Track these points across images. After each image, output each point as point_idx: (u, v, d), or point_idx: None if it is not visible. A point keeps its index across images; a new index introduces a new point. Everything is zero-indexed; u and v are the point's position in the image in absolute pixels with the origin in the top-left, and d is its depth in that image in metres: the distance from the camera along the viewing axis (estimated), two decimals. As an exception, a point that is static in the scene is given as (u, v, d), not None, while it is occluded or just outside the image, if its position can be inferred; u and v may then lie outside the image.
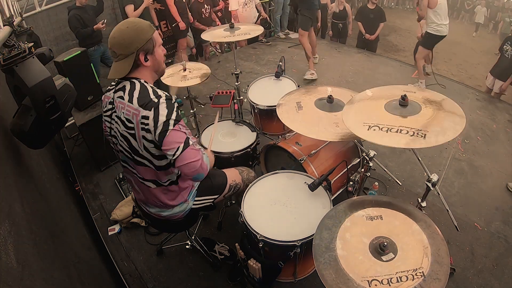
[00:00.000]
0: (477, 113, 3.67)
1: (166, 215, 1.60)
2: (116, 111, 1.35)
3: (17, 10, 3.57)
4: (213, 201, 1.72)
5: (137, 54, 1.30)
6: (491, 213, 2.47)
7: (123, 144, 1.38)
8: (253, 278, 1.65)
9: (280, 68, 2.65)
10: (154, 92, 1.30)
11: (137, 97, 1.28)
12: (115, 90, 1.38)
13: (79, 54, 2.66)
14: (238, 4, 4.87)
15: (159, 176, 1.44)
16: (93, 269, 1.96)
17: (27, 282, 1.01)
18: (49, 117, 1.68)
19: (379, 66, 4.65)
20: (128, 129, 1.32)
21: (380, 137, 1.26)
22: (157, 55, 1.38)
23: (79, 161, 3.19)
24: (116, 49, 1.30)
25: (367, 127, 1.31)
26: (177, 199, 1.55)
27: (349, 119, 1.40)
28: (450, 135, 1.22)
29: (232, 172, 1.81)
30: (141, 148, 1.34)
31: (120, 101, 1.33)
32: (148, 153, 1.35)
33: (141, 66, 1.35)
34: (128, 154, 1.40)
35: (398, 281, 1.05)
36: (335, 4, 5.57)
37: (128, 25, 1.30)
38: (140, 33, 1.30)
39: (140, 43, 1.29)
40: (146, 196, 1.54)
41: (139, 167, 1.42)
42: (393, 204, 1.31)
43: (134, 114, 1.28)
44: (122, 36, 1.28)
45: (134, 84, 1.32)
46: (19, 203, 1.34)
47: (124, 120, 1.32)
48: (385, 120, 1.33)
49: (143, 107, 1.26)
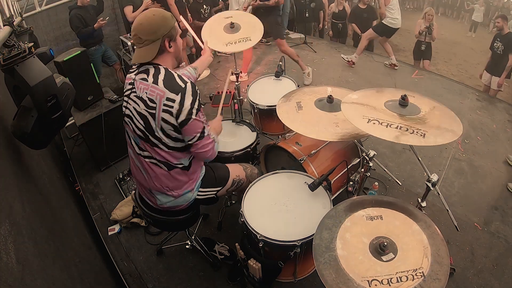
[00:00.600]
0: (477, 113, 3.67)
1: (170, 205, 1.59)
2: (137, 91, 1.40)
3: (17, 10, 3.57)
4: (216, 193, 1.72)
5: (163, 40, 1.38)
6: (491, 213, 2.47)
7: (139, 124, 1.41)
8: (253, 278, 1.65)
9: (280, 68, 2.65)
10: (180, 78, 1.37)
11: (163, 79, 1.35)
12: (136, 73, 1.43)
13: (79, 54, 2.65)
14: (238, 4, 4.87)
15: (170, 158, 1.46)
16: (94, 269, 1.96)
17: (27, 282, 1.01)
18: (51, 116, 1.69)
19: (379, 66, 4.65)
20: (149, 108, 1.36)
21: (379, 131, 1.27)
22: (178, 42, 1.47)
23: (79, 161, 3.19)
24: (143, 35, 1.35)
25: (367, 120, 1.33)
26: (185, 187, 1.56)
27: (349, 111, 1.42)
28: (448, 138, 1.23)
29: (236, 167, 1.83)
30: (158, 128, 1.38)
31: (142, 82, 1.39)
32: (163, 134, 1.39)
33: (165, 52, 1.42)
34: (142, 134, 1.43)
35: (398, 281, 1.05)
36: (334, 4, 5.56)
37: (155, 13, 1.37)
38: (166, 21, 1.38)
39: (166, 29, 1.37)
40: (155, 180, 1.52)
41: (151, 148, 1.45)
42: (393, 204, 1.31)
43: (159, 94, 1.33)
44: (149, 22, 1.35)
45: (159, 69, 1.39)
46: (19, 202, 1.34)
47: (146, 99, 1.36)
48: (384, 116, 1.34)
49: (170, 90, 1.32)
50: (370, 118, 1.34)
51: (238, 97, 2.53)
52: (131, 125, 1.46)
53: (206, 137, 1.44)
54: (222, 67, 4.87)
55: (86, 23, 3.81)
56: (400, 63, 4.82)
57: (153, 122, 1.37)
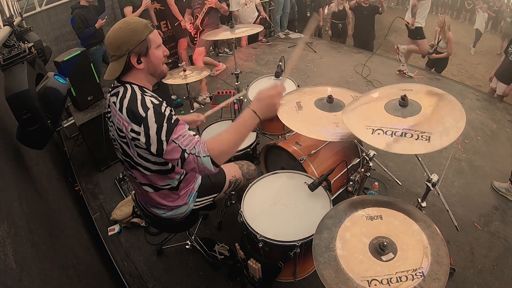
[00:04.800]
0: (477, 113, 3.67)
1: (167, 216, 1.59)
2: (112, 116, 1.31)
3: (17, 10, 3.57)
4: (214, 199, 1.71)
5: (129, 56, 1.24)
6: (491, 213, 2.47)
7: (119, 150, 1.37)
8: (253, 278, 1.65)
9: (280, 68, 2.64)
10: (142, 103, 1.19)
11: (126, 107, 1.21)
12: (111, 94, 1.33)
13: (79, 54, 2.65)
14: (238, 4, 4.87)
15: (155, 180, 1.41)
16: (93, 270, 1.96)
17: (25, 283, 1.01)
18: (27, 128, 1.62)
19: (379, 66, 4.65)
20: (120, 137, 1.29)
21: (385, 143, 1.24)
22: (152, 57, 1.29)
23: (79, 161, 3.19)
24: (109, 49, 1.25)
25: (371, 131, 1.30)
26: (177, 202, 1.55)
27: (352, 122, 1.39)
28: (453, 135, 1.21)
29: (232, 167, 1.80)
30: (135, 155, 1.31)
31: (113, 106, 1.28)
32: (142, 160, 1.32)
33: (134, 69, 1.28)
34: (125, 157, 1.38)
35: (398, 281, 1.05)
36: (334, 4, 5.56)
37: (122, 25, 1.24)
38: (132, 34, 1.23)
39: (132, 44, 1.23)
40: (145, 197, 1.53)
41: (135, 171, 1.40)
42: (393, 204, 1.31)
43: (124, 125, 1.22)
44: (114, 36, 1.23)
45: (126, 90, 1.25)
46: (18, 203, 1.34)
47: (116, 128, 1.28)
48: (387, 122, 1.33)
49: (132, 121, 1.19)
50: (374, 128, 1.30)
51: (238, 97, 2.53)
52: (116, 150, 1.41)
53: (187, 160, 1.19)
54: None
55: (87, 23, 3.82)
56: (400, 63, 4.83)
57: (128, 150, 1.31)
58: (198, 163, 1.19)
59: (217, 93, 2.49)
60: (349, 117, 1.42)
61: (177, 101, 4.03)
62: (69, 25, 4.02)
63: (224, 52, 5.66)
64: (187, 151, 1.18)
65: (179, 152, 1.18)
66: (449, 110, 1.32)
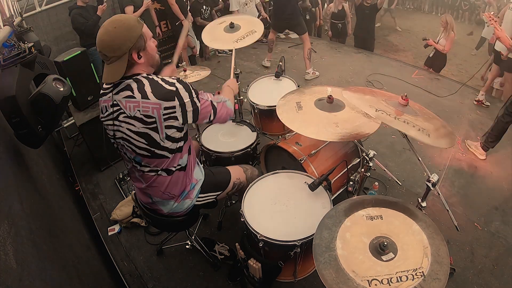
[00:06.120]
0: (477, 113, 3.66)
1: (170, 211, 1.59)
2: (126, 111, 1.30)
3: (17, 10, 3.57)
4: (216, 197, 1.72)
5: (130, 54, 1.26)
6: (491, 213, 2.47)
7: (140, 143, 1.35)
8: (253, 278, 1.65)
9: (280, 68, 2.65)
10: (165, 82, 1.30)
11: (151, 91, 1.26)
12: (116, 92, 1.32)
13: (79, 54, 2.66)
14: (238, 4, 4.88)
15: (171, 163, 1.43)
16: (93, 269, 1.96)
17: (26, 283, 1.01)
18: (17, 131, 1.63)
19: (379, 66, 4.65)
20: (147, 124, 1.30)
21: (389, 121, 1.28)
22: (149, 49, 1.33)
23: (79, 161, 3.18)
24: (107, 52, 1.23)
25: (374, 109, 1.34)
26: (185, 188, 1.55)
27: (354, 100, 1.43)
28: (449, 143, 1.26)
29: (237, 170, 1.81)
30: (163, 138, 1.33)
31: (129, 100, 1.29)
32: (169, 141, 1.36)
33: (135, 64, 1.31)
34: (146, 151, 1.36)
35: (398, 281, 1.05)
36: (333, 4, 5.55)
37: (116, 25, 1.23)
38: (130, 31, 1.24)
39: (131, 41, 1.24)
40: (155, 190, 1.51)
41: (157, 161, 1.40)
42: (393, 204, 1.31)
43: (154, 108, 1.26)
44: (111, 37, 1.22)
45: (141, 80, 1.29)
46: (18, 203, 1.34)
47: (141, 117, 1.28)
48: (389, 110, 1.36)
49: (164, 99, 1.27)
50: (377, 108, 1.34)
51: (238, 97, 2.53)
52: (129, 147, 1.39)
53: (218, 109, 1.46)
54: (222, 67, 4.88)
55: (87, 21, 3.81)
56: (400, 63, 4.83)
57: (156, 135, 1.32)
58: (227, 108, 1.51)
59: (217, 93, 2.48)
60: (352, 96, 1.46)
61: None
62: (69, 25, 4.01)
63: (224, 52, 5.66)
64: (214, 102, 1.44)
65: (209, 105, 1.42)
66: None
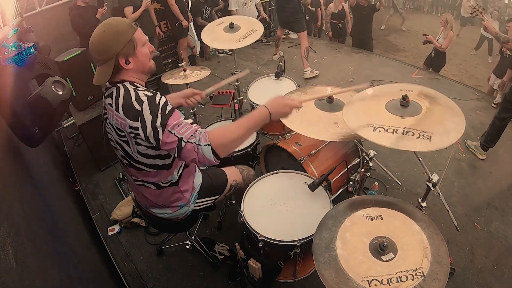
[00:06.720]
0: (477, 113, 3.66)
1: (167, 217, 1.59)
2: (109, 117, 1.31)
3: (17, 10, 3.57)
4: (214, 201, 1.71)
5: (117, 59, 1.23)
6: (491, 213, 2.47)
7: (119, 151, 1.37)
8: (253, 278, 1.65)
9: (280, 68, 2.65)
10: (136, 98, 1.20)
11: (122, 105, 1.21)
12: (105, 95, 1.32)
13: (79, 54, 2.66)
14: (237, 4, 4.87)
15: (159, 178, 1.42)
16: (93, 269, 1.96)
17: (26, 283, 1.01)
18: (14, 131, 1.64)
19: (379, 66, 4.65)
20: (120, 137, 1.29)
21: (386, 139, 1.25)
22: (140, 55, 1.28)
23: (79, 161, 3.18)
24: (95, 54, 1.23)
25: (372, 128, 1.31)
26: (178, 202, 1.54)
27: (352, 120, 1.39)
28: (454, 136, 1.22)
29: (233, 171, 1.81)
30: (136, 154, 1.31)
31: (110, 107, 1.28)
32: (143, 157, 1.32)
33: (123, 70, 1.27)
34: (125, 160, 1.38)
35: (398, 281, 1.05)
36: (333, 4, 5.55)
37: (105, 28, 1.21)
38: (118, 36, 1.21)
39: (119, 46, 1.21)
40: (146, 197, 1.53)
41: (137, 172, 1.40)
42: (393, 204, 1.31)
43: (122, 123, 1.22)
44: (99, 40, 1.21)
45: (119, 89, 1.25)
46: (18, 203, 1.34)
47: (116, 128, 1.28)
48: (388, 121, 1.33)
49: (129, 117, 1.19)
50: (375, 126, 1.31)
51: (238, 97, 2.53)
52: (116, 151, 1.40)
53: (186, 147, 1.18)
54: (222, 67, 4.88)
55: (86, 24, 3.81)
56: (400, 63, 4.83)
57: (129, 149, 1.30)
58: (198, 152, 1.17)
59: (217, 93, 2.49)
60: (349, 115, 1.43)
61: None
62: (69, 25, 4.00)
63: (224, 52, 5.66)
64: (184, 140, 1.17)
65: (176, 141, 1.18)
66: (448, 112, 1.33)
